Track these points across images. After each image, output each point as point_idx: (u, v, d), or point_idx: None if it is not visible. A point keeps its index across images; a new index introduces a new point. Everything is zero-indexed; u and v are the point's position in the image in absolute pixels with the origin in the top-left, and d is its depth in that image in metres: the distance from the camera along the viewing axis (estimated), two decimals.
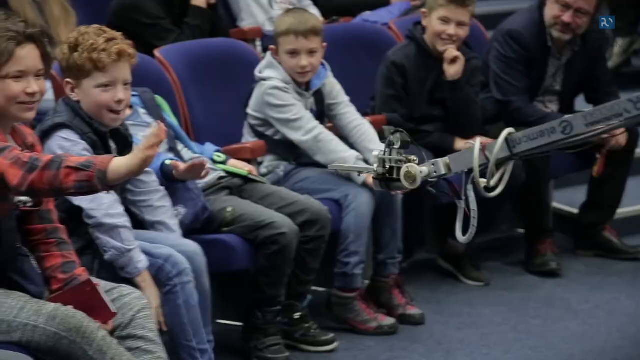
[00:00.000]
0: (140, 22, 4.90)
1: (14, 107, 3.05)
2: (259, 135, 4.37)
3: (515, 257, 5.13)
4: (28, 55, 3.04)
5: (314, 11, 5.28)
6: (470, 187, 2.43)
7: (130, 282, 3.42)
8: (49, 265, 3.16)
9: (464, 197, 2.50)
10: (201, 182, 3.96)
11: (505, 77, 5.00)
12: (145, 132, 3.93)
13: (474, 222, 2.46)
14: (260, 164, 4.38)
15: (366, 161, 4.24)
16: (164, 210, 3.70)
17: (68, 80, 3.50)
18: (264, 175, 4.31)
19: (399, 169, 2.43)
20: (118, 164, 2.80)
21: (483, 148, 2.37)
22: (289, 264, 3.94)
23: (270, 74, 4.33)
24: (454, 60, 4.69)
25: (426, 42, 4.76)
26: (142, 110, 4.00)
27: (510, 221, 5.48)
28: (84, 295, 3.07)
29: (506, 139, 2.35)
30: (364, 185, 4.24)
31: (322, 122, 4.37)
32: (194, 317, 3.51)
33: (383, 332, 4.32)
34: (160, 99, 4.12)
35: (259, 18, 5.47)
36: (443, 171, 2.44)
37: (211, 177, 4.05)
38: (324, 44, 4.37)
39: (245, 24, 5.47)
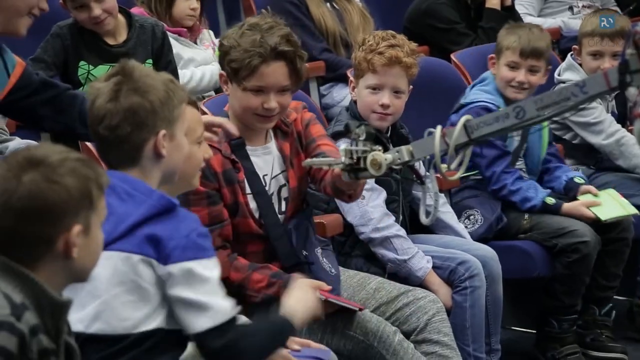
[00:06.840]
0: (435, 27, 4.91)
1: (250, 116, 3.06)
2: (557, 139, 4.29)
3: None
4: (272, 73, 3.01)
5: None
6: (432, 171, 2.59)
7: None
8: None
9: (427, 182, 2.69)
10: None
11: None
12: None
13: (436, 204, 2.65)
14: None
15: None
16: (450, 215, 3.68)
17: (351, 79, 3.56)
18: None
19: (365, 158, 2.54)
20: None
21: (443, 135, 2.46)
22: (587, 273, 3.85)
23: (570, 77, 4.25)
24: None
25: None
26: None
27: None
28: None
29: (464, 125, 2.45)
30: None
31: (623, 126, 4.24)
32: (478, 323, 3.45)
33: None
34: None
35: (557, 19, 5.36)
36: (406, 158, 2.53)
37: None
38: None
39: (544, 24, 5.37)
